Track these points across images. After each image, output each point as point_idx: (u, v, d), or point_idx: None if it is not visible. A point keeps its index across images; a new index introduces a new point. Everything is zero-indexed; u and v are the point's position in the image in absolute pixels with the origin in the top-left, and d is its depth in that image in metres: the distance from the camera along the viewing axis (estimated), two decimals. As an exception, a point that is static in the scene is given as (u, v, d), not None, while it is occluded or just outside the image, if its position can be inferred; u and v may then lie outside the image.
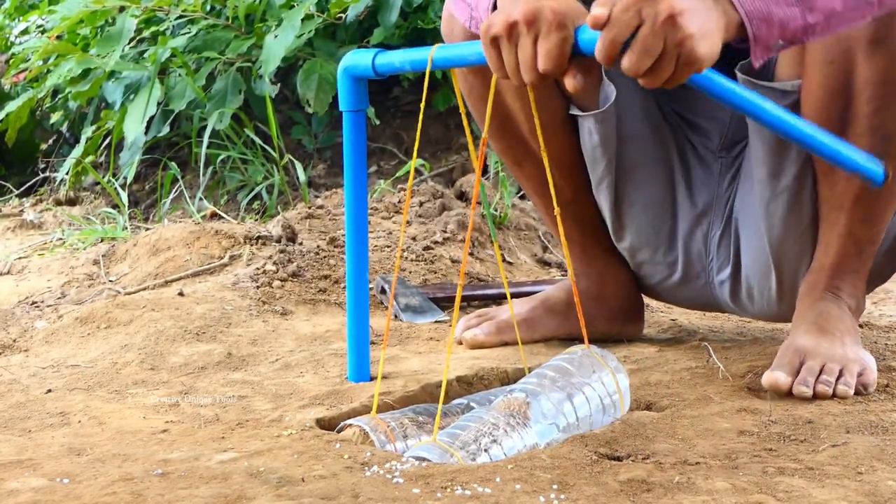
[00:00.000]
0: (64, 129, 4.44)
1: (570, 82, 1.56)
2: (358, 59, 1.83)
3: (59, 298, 2.61)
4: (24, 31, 4.60)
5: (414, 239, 2.85)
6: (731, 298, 2.12)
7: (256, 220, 3.38)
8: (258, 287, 2.47)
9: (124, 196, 3.49)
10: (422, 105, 1.73)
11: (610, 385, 1.73)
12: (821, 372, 1.85)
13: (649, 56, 1.50)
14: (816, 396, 1.83)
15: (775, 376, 1.85)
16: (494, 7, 1.67)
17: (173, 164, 3.64)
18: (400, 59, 1.77)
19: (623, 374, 1.77)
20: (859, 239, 1.94)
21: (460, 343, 2.19)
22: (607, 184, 2.10)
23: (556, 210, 1.78)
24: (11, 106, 3.90)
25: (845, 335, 1.92)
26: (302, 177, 3.46)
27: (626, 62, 1.50)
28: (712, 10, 1.54)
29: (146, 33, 3.83)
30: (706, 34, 1.52)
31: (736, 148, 2.07)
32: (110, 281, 2.72)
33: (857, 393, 1.84)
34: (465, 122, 1.74)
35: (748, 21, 1.56)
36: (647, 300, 2.44)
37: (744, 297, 2.09)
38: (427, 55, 1.70)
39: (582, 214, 2.17)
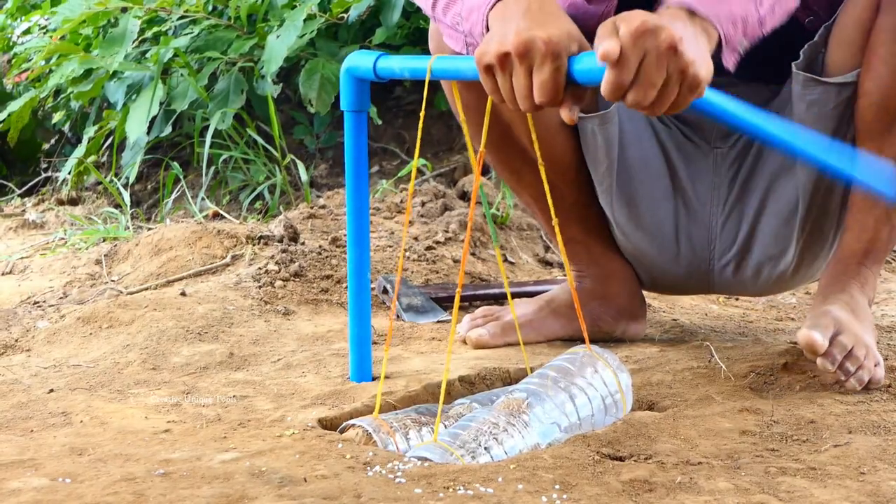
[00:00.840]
0: (66, 128, 4.44)
1: (566, 115, 1.55)
2: (360, 60, 1.84)
3: (61, 298, 2.61)
4: (27, 31, 4.60)
5: (416, 239, 2.85)
6: (732, 277, 2.13)
7: (258, 219, 3.38)
8: (260, 287, 2.48)
9: (126, 196, 3.49)
10: (422, 113, 1.74)
11: (612, 384, 1.73)
12: (848, 354, 1.85)
13: (654, 88, 1.49)
14: (820, 395, 1.83)
15: (813, 336, 1.83)
16: (487, 28, 1.65)
17: (175, 163, 3.65)
18: (400, 65, 1.78)
19: (625, 372, 1.77)
20: (895, 225, 1.96)
21: (464, 342, 2.20)
22: (608, 185, 2.11)
23: (555, 221, 1.78)
24: (14, 106, 3.90)
25: (869, 327, 1.94)
26: (304, 176, 3.46)
27: (632, 97, 1.49)
28: (699, 32, 1.54)
29: (148, 33, 3.83)
30: (702, 57, 1.52)
31: (730, 139, 2.08)
32: (112, 281, 2.72)
33: (864, 387, 1.85)
34: (462, 121, 1.74)
35: (720, 25, 1.57)
36: (648, 300, 2.44)
37: (748, 275, 2.11)
38: (426, 65, 1.71)
39: (585, 215, 2.17)
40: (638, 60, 1.48)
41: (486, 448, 1.59)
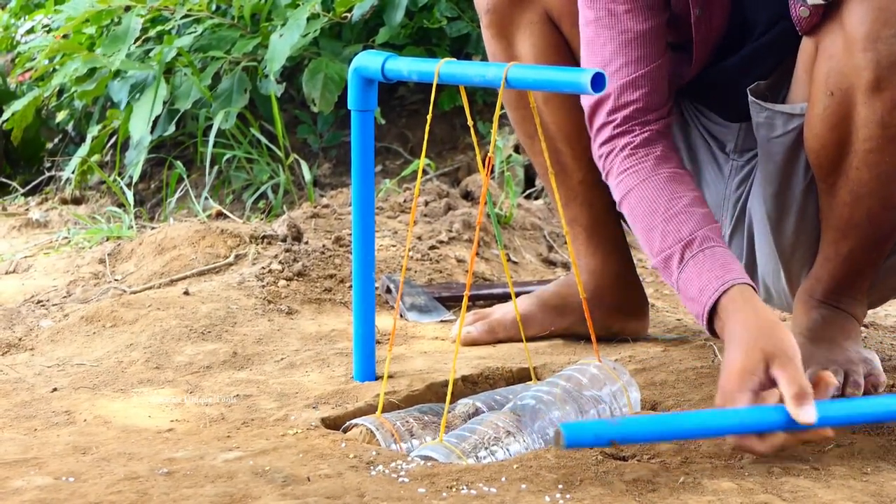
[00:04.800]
0: (69, 128, 4.44)
1: None
2: (369, 60, 1.84)
3: (64, 297, 2.62)
4: (30, 30, 4.60)
5: (419, 238, 2.85)
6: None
7: (262, 219, 3.38)
8: (263, 286, 2.48)
9: (130, 195, 3.49)
10: (429, 116, 1.74)
11: (621, 398, 1.73)
12: None
13: None
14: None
15: None
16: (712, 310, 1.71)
17: (179, 163, 3.65)
18: (408, 67, 1.79)
19: (634, 388, 1.77)
20: (858, 261, 1.92)
21: (453, 342, 2.20)
22: None
23: (551, 172, 1.79)
24: (17, 105, 3.90)
25: (844, 339, 1.91)
26: (307, 176, 3.46)
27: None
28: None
29: (152, 32, 3.83)
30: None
31: (747, 154, 2.06)
32: (116, 280, 2.72)
33: (866, 393, 1.84)
34: (470, 123, 1.74)
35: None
36: (652, 300, 2.44)
37: (762, 293, 2.09)
38: (434, 68, 1.71)
39: (591, 198, 2.15)
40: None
41: (491, 452, 1.58)
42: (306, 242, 2.77)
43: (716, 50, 1.95)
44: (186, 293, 2.42)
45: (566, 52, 2.07)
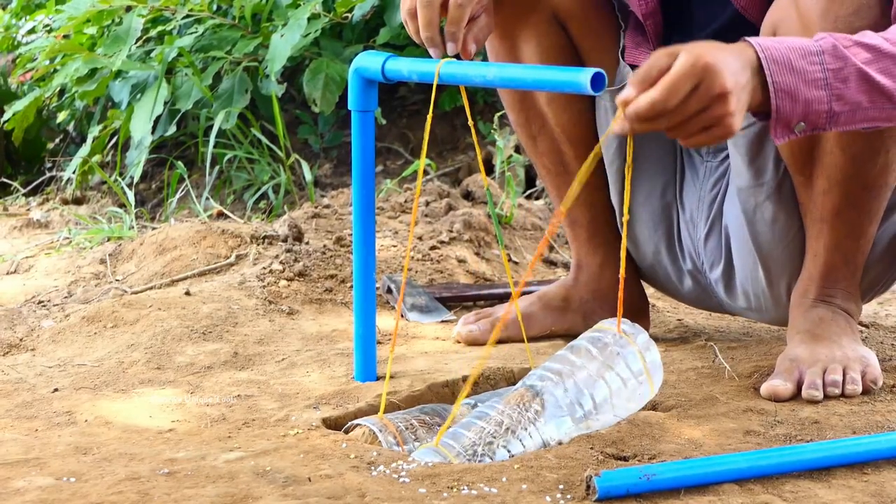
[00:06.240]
0: (70, 128, 4.45)
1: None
2: (369, 61, 1.85)
3: (65, 298, 2.62)
4: (31, 31, 4.61)
5: (420, 238, 2.85)
6: (729, 300, 2.12)
7: (263, 219, 3.38)
8: (264, 286, 2.48)
9: (131, 195, 3.49)
10: (429, 116, 1.74)
11: (636, 365, 1.70)
12: (824, 375, 1.85)
13: (687, 120, 1.51)
14: (827, 398, 1.83)
15: (773, 385, 1.85)
16: None
17: (180, 163, 3.65)
18: (408, 68, 1.79)
19: (652, 349, 1.74)
20: (846, 250, 1.93)
21: (458, 342, 2.20)
22: (617, 168, 2.11)
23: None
24: (18, 105, 3.90)
25: (841, 337, 1.92)
26: (308, 176, 3.46)
27: (665, 122, 1.52)
28: (748, 88, 1.54)
29: (153, 33, 3.84)
30: (742, 111, 1.53)
31: (720, 154, 2.07)
32: (117, 280, 2.72)
33: (865, 390, 1.84)
34: (470, 123, 1.75)
35: (773, 92, 1.55)
36: (652, 300, 2.44)
37: (740, 299, 2.09)
38: (434, 68, 1.72)
39: (592, 199, 2.17)
40: (687, 93, 1.49)
41: (488, 456, 1.58)
42: (307, 243, 2.77)
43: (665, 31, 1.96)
44: (187, 293, 2.42)
45: (571, 54, 2.07)
